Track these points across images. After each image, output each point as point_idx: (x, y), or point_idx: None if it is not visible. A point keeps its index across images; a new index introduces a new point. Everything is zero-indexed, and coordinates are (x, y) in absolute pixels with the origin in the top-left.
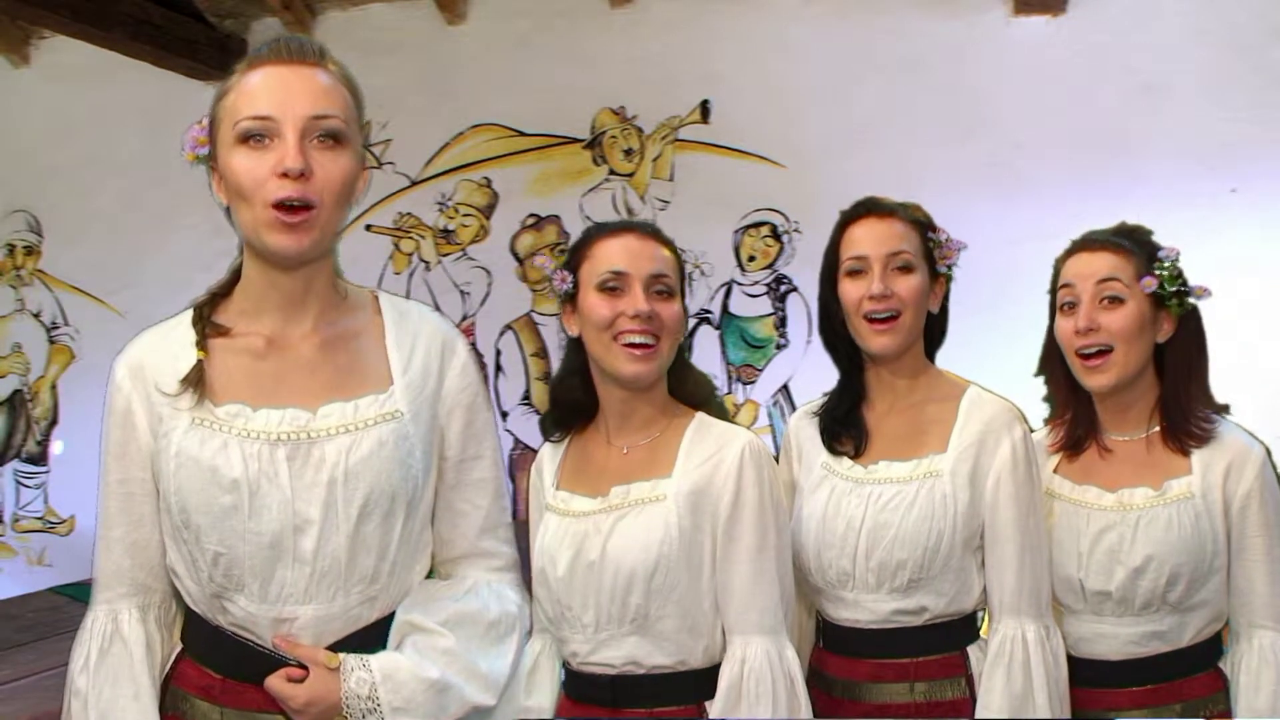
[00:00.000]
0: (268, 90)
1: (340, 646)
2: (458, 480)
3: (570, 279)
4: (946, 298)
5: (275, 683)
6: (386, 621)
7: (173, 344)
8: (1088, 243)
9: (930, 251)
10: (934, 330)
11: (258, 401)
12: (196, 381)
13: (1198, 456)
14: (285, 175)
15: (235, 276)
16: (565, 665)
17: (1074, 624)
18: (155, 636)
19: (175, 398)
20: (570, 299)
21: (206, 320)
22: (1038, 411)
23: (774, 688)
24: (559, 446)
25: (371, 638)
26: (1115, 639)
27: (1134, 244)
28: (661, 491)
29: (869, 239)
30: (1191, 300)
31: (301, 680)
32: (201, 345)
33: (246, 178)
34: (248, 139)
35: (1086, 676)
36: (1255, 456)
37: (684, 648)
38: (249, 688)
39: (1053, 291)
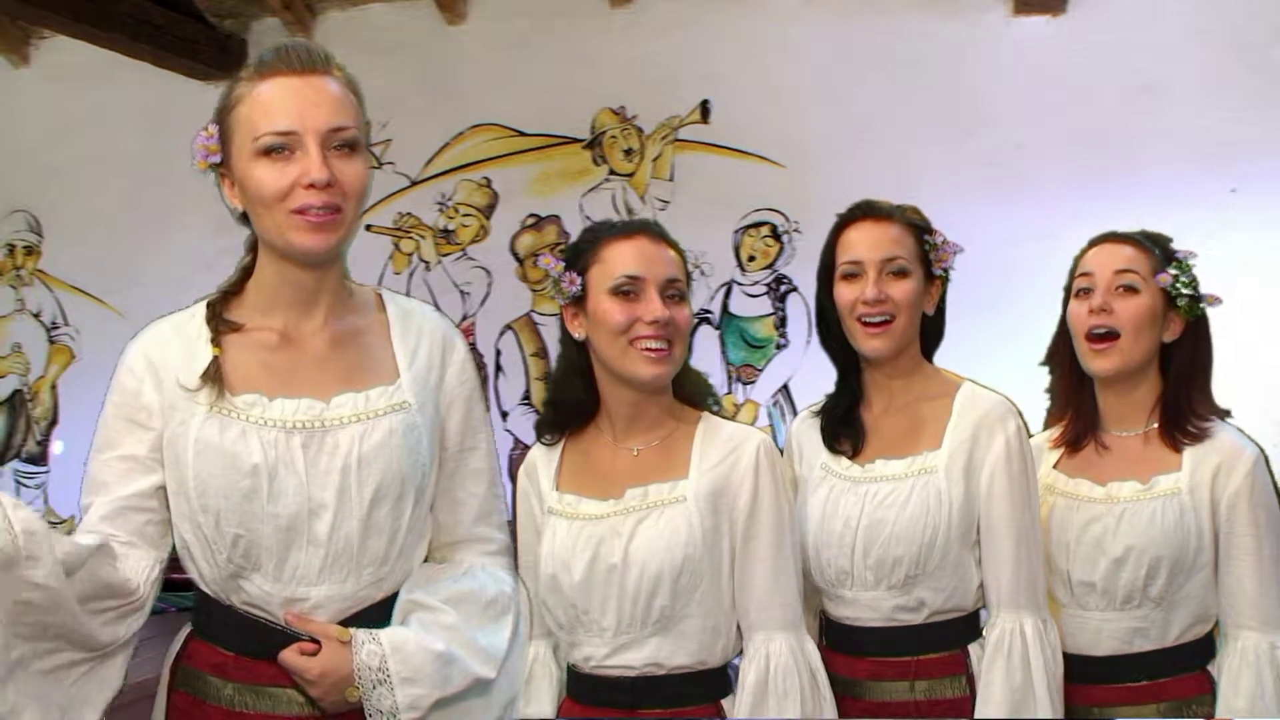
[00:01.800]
0: (285, 104)
1: (346, 624)
2: (456, 469)
3: (578, 281)
4: (943, 299)
5: (289, 656)
6: (390, 601)
7: (187, 337)
8: (1110, 236)
9: (926, 254)
10: (930, 331)
11: (273, 392)
12: (215, 377)
13: (1189, 454)
14: (311, 186)
15: (244, 275)
16: (574, 670)
17: (1062, 618)
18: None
19: (194, 391)
20: (577, 302)
21: (219, 317)
22: (1036, 410)
23: (800, 682)
24: (553, 449)
25: (376, 616)
26: (1100, 634)
27: (1154, 244)
28: (681, 493)
29: (864, 243)
30: (1202, 305)
31: (314, 654)
32: (216, 341)
33: (270, 189)
34: (269, 152)
35: (1073, 672)
36: (1247, 457)
37: (705, 647)
38: (261, 663)
39: (1069, 281)
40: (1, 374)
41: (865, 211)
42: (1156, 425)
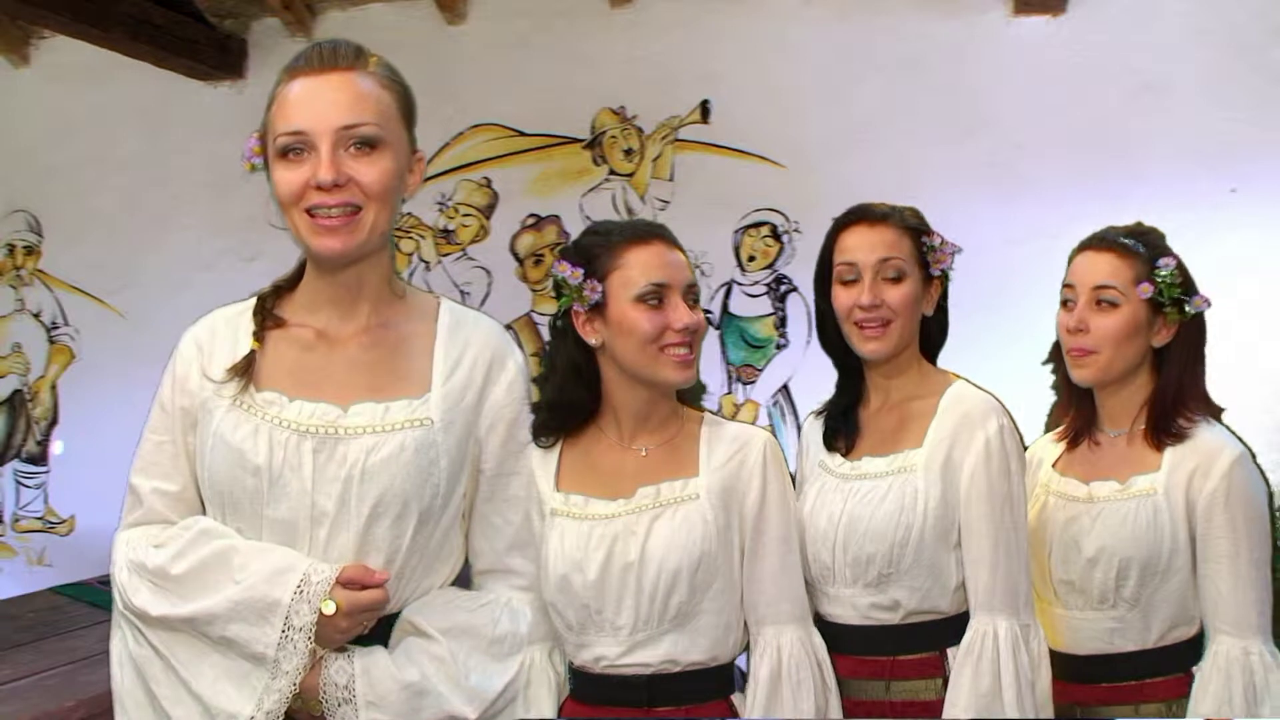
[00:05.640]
0: (300, 104)
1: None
2: (492, 494)
3: (600, 289)
4: (944, 298)
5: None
6: (391, 621)
7: (238, 329)
8: (1095, 242)
9: (924, 255)
10: (932, 331)
11: (294, 392)
12: (244, 371)
13: (1169, 455)
14: (320, 187)
15: (302, 268)
16: (582, 671)
17: (1050, 616)
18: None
19: (220, 384)
20: (594, 308)
21: (268, 312)
22: (1035, 411)
23: (812, 674)
24: (550, 451)
25: (373, 634)
26: (1080, 633)
27: (1143, 246)
28: (693, 490)
29: (860, 247)
30: (1190, 309)
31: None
32: (257, 336)
33: (284, 190)
34: (286, 153)
35: (1057, 670)
36: (1225, 459)
37: (719, 643)
38: None
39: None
40: (1, 374)
41: (860, 215)
42: (1142, 426)
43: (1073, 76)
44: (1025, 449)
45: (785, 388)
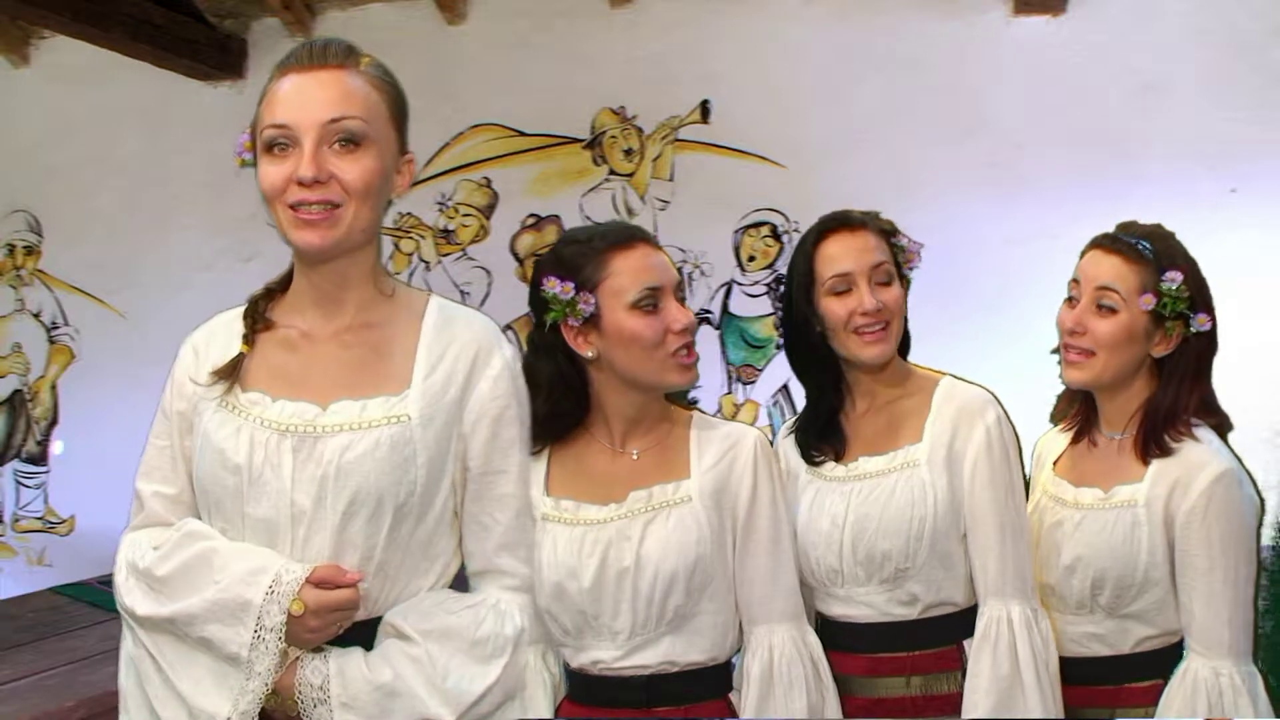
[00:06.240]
0: (287, 99)
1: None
2: (480, 493)
3: (592, 300)
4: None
5: None
6: (375, 623)
7: (232, 333)
8: (1106, 241)
9: (896, 257)
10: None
11: (277, 392)
12: (229, 373)
13: (1155, 466)
14: (300, 183)
15: (292, 271)
16: (579, 673)
17: None
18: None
19: (207, 386)
20: (589, 320)
21: (258, 314)
22: (1036, 411)
23: (804, 672)
24: (539, 456)
25: (356, 636)
26: (1061, 635)
27: (1154, 252)
28: (685, 493)
29: (849, 254)
30: (1192, 328)
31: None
32: (247, 339)
33: (267, 185)
34: (271, 147)
35: None
36: (1207, 474)
37: (717, 643)
38: None
39: None
40: (1, 374)
41: (841, 222)
42: (1133, 434)
43: (1073, 76)
44: (1021, 445)
45: (785, 388)
